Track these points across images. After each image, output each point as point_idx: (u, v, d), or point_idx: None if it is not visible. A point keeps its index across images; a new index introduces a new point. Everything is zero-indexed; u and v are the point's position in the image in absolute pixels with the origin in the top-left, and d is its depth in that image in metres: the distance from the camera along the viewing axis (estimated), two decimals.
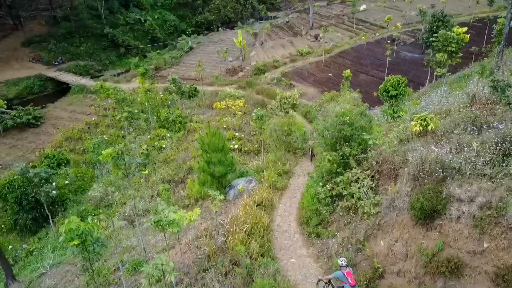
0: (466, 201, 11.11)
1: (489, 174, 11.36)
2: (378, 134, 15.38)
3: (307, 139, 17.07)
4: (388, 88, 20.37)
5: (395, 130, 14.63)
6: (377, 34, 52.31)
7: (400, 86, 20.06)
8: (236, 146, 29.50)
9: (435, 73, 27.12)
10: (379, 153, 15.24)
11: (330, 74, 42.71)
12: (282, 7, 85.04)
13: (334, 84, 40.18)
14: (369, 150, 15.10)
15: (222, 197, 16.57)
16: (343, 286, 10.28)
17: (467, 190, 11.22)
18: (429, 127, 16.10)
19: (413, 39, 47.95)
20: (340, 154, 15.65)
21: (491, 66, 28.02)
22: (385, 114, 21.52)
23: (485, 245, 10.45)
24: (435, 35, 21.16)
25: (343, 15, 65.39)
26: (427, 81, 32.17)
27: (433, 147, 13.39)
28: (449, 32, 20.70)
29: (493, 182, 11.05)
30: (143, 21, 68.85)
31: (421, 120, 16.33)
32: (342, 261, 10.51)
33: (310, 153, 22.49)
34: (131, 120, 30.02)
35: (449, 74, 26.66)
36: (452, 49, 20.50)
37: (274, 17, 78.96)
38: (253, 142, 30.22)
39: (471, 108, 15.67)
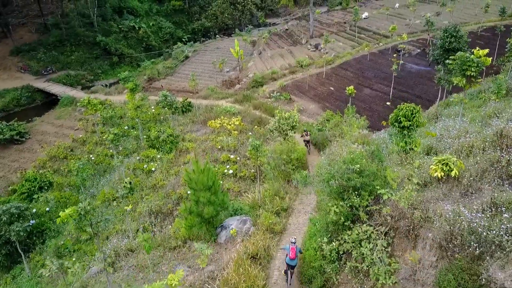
0: None
1: None
2: (394, 183, 13.03)
3: (309, 184, 14.78)
4: (400, 118, 17.96)
5: (413, 180, 12.26)
6: (381, 43, 49.94)
7: (414, 117, 17.66)
8: (231, 171, 27.15)
9: (451, 96, 24.88)
10: (393, 206, 12.91)
11: (331, 88, 40.38)
12: (281, 13, 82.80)
13: (336, 99, 37.88)
14: (383, 205, 12.77)
15: (209, 251, 14.22)
16: (286, 257, 13.56)
17: None
18: (452, 173, 13.75)
19: (418, 50, 45.65)
20: (348, 205, 13.31)
21: (507, 84, 25.74)
22: (396, 145, 19.18)
23: None
24: (452, 57, 18.81)
25: (345, 23, 63.10)
26: (438, 99, 29.85)
27: (462, 209, 11.05)
28: (468, 54, 18.36)
29: None
30: (137, 28, 66.48)
31: (443, 164, 13.98)
32: (292, 239, 13.65)
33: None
34: (117, 143, 27.68)
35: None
36: (472, 74, 18.15)
37: (273, 24, 76.80)
38: (249, 166, 27.88)
39: (502, 153, 13.37)
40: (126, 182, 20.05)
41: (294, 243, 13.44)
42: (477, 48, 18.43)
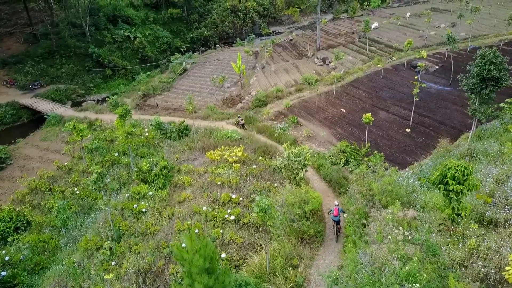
0: None
1: None
2: None
3: None
4: (447, 180, 14.23)
5: None
6: (394, 58, 46.23)
7: (466, 179, 13.94)
8: (232, 217, 23.41)
9: (486, 131, 21.18)
10: None
11: (343, 110, 36.64)
12: (285, 21, 79.12)
13: (349, 124, 34.11)
14: None
15: None
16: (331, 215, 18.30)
17: None
18: None
19: (436, 66, 41.93)
20: None
21: None
22: (441, 211, 15.52)
23: None
24: (508, 100, 15.11)
25: (353, 33, 59.42)
26: (471, 131, 26.11)
27: None
28: None
29: None
30: (132, 38, 62.70)
31: None
32: (336, 202, 18.33)
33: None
34: (101, 184, 23.98)
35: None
36: None
37: (277, 33, 73.12)
38: (253, 209, 24.10)
39: None
40: (105, 248, 16.40)
41: (337, 205, 17.90)
42: None
